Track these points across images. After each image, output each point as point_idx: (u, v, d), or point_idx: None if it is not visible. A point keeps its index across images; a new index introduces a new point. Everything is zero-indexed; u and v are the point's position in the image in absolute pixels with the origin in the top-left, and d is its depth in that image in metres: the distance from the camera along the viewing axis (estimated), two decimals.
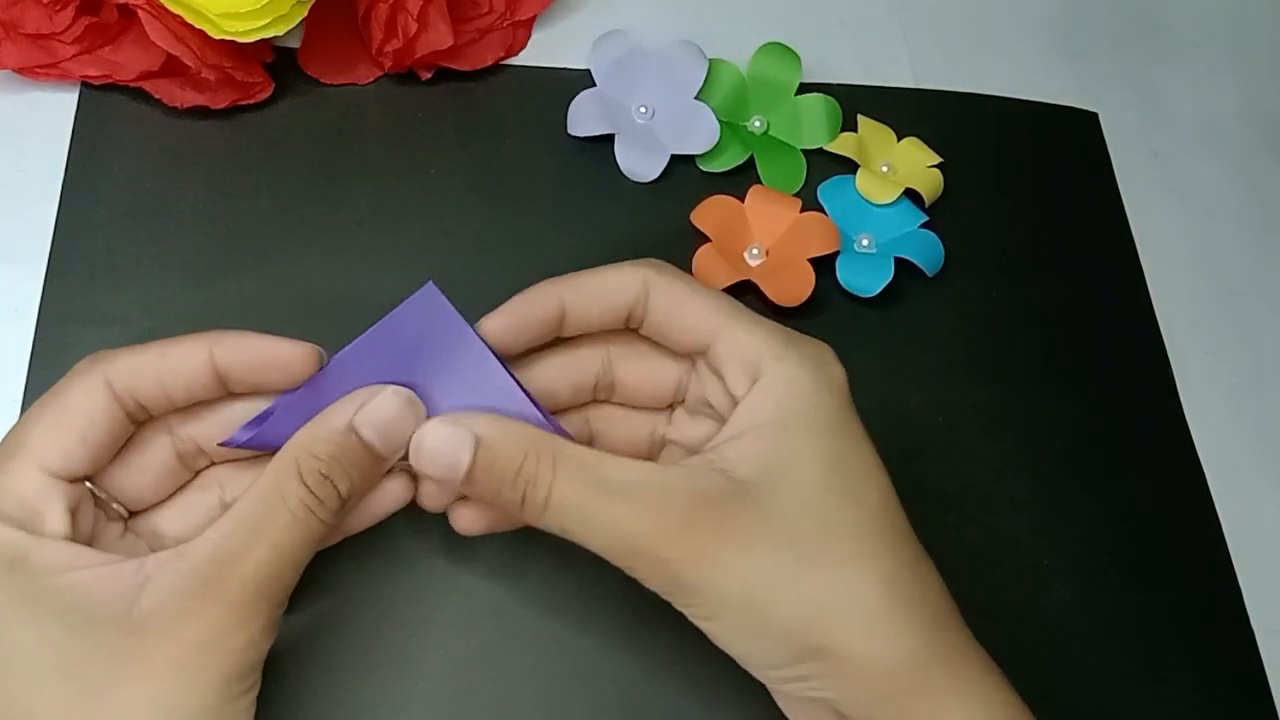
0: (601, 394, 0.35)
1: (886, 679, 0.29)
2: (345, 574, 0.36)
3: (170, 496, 0.32)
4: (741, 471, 0.30)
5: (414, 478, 0.32)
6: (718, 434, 0.31)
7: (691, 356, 0.33)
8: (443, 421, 0.30)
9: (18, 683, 0.26)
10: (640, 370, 0.34)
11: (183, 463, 0.32)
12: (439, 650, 0.35)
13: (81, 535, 0.29)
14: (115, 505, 0.31)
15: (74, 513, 0.29)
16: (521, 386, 0.32)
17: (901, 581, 0.30)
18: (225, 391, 0.31)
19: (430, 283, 0.31)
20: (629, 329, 0.34)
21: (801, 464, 0.30)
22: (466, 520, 0.33)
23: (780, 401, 0.30)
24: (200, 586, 0.27)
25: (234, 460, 0.33)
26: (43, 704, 0.26)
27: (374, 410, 0.30)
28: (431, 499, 0.32)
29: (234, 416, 0.32)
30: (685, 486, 0.29)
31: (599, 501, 0.29)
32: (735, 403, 0.31)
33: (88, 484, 0.30)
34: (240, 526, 0.28)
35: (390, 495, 0.32)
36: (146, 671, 0.26)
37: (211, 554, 0.28)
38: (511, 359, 0.33)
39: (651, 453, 0.35)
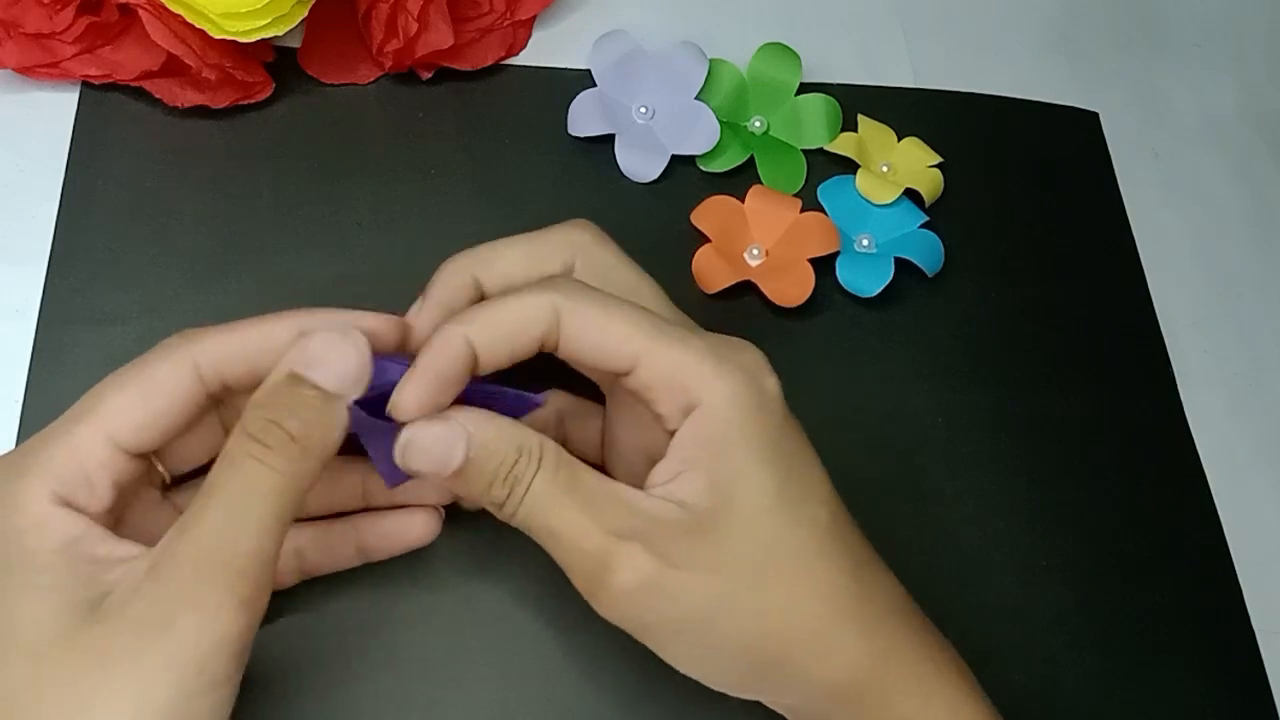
0: (546, 348, 0.33)
1: (834, 686, 0.30)
2: (344, 574, 0.35)
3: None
4: (697, 504, 0.30)
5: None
6: (664, 463, 0.31)
7: (615, 377, 0.32)
8: (433, 419, 0.29)
9: (10, 655, 0.26)
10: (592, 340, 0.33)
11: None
12: (438, 650, 0.35)
13: (120, 508, 0.29)
14: (161, 471, 0.31)
15: (120, 487, 0.28)
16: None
17: (844, 594, 0.30)
18: None
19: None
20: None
21: (748, 492, 0.30)
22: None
23: (719, 428, 0.30)
24: (182, 577, 0.26)
25: None
26: (35, 680, 0.25)
27: (309, 348, 0.28)
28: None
29: None
30: (646, 515, 0.29)
31: (566, 510, 0.29)
32: (664, 424, 0.31)
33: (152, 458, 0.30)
34: (205, 508, 0.27)
35: (418, 526, 0.33)
36: (123, 662, 0.25)
37: (190, 540, 0.26)
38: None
39: None
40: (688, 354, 0.30)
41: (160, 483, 0.31)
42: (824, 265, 0.43)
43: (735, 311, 0.42)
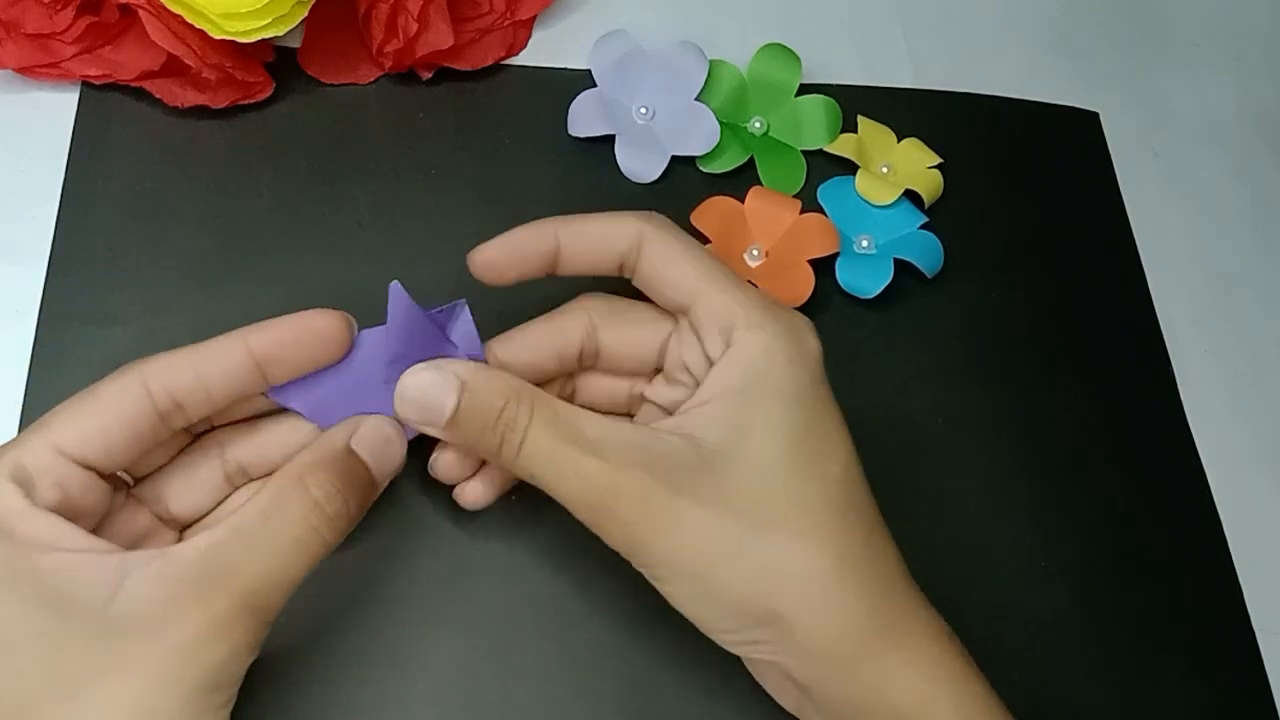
0: (587, 361, 0.35)
1: (834, 648, 0.30)
2: (345, 574, 0.36)
3: (171, 460, 0.33)
4: (707, 438, 0.30)
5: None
6: (690, 398, 0.32)
7: (677, 314, 0.34)
8: (426, 367, 0.31)
9: (12, 653, 0.26)
10: (624, 336, 0.35)
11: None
12: (439, 650, 0.35)
13: (78, 514, 0.29)
14: (121, 474, 0.31)
15: (66, 489, 0.29)
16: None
17: (852, 556, 0.30)
18: (264, 383, 0.31)
19: (394, 284, 0.32)
20: (613, 291, 0.35)
21: (764, 434, 0.30)
22: (473, 493, 0.35)
23: (750, 369, 0.31)
24: (185, 592, 0.27)
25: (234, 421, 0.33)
26: (19, 691, 0.26)
27: (367, 434, 0.31)
28: (449, 469, 0.34)
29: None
30: (650, 449, 0.30)
31: (568, 452, 0.30)
32: (710, 365, 0.32)
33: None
34: (237, 538, 0.28)
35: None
36: (124, 671, 0.26)
37: (200, 561, 0.27)
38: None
39: (630, 409, 0.36)
40: (737, 299, 0.32)
41: (123, 486, 0.32)
42: (824, 266, 0.43)
43: None
